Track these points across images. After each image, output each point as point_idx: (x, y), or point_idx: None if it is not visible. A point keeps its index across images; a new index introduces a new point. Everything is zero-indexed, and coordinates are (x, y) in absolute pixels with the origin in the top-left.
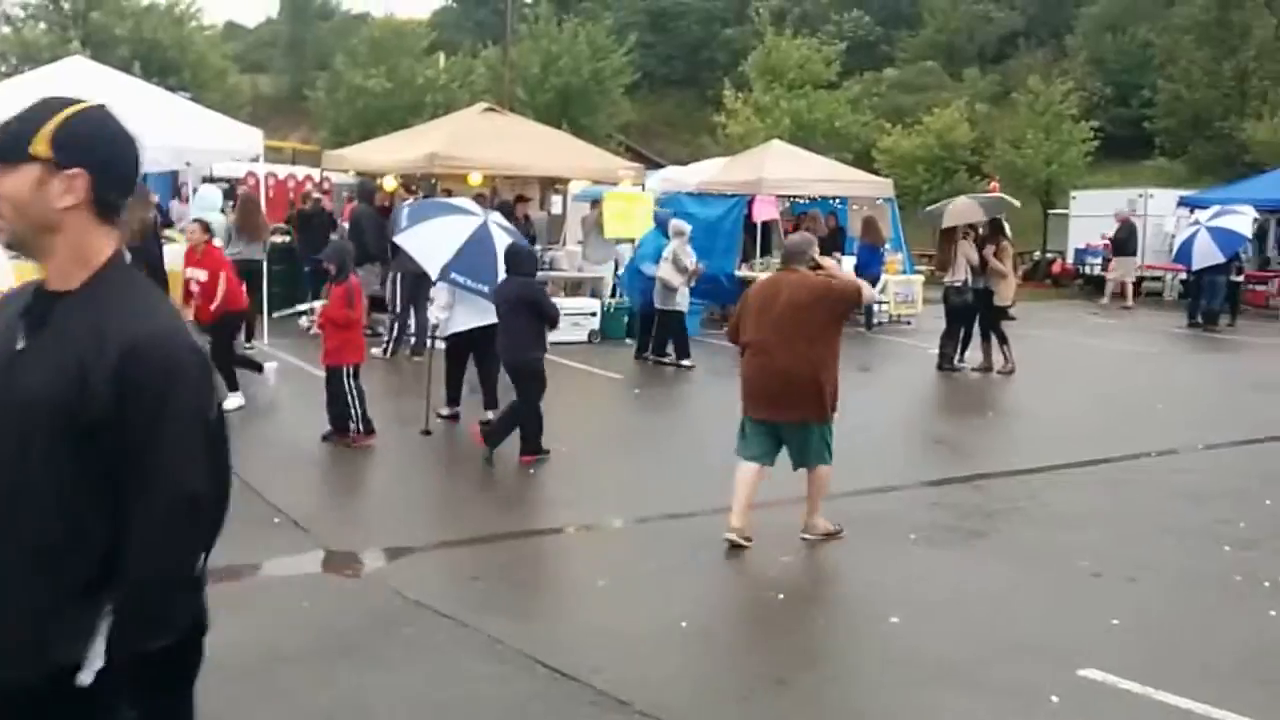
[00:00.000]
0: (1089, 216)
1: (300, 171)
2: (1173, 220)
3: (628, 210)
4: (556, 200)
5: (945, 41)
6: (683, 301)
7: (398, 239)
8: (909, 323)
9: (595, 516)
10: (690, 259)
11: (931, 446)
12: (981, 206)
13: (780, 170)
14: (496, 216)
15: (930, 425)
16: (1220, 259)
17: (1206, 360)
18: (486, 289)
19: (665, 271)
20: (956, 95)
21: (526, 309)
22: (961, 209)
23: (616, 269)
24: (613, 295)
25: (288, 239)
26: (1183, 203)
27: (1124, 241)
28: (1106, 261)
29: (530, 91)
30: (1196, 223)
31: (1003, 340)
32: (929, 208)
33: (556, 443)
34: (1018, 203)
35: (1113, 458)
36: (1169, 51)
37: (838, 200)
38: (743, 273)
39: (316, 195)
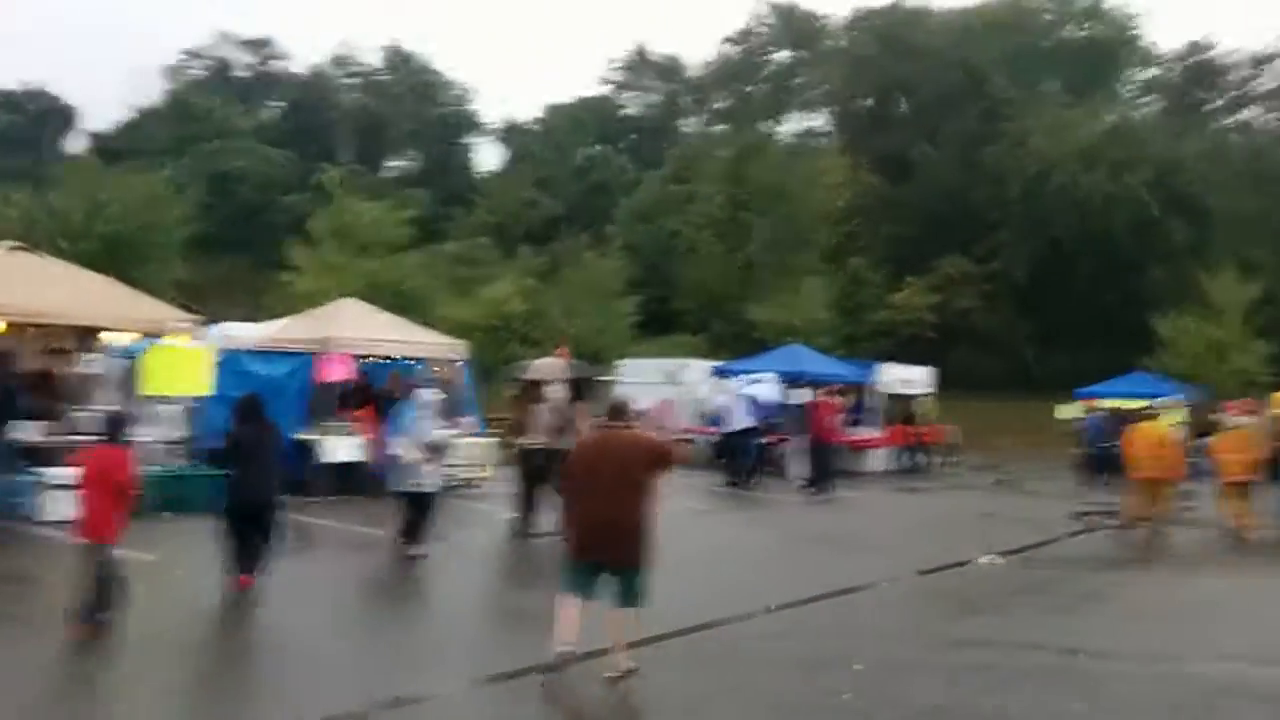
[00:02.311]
0: (636, 383)
1: None
2: (707, 387)
3: (174, 365)
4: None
5: (497, 222)
6: (428, 482)
7: None
8: (479, 486)
9: None
10: (433, 433)
11: (512, 623)
12: (568, 368)
13: (352, 328)
14: None
15: (509, 598)
16: (753, 423)
17: (757, 517)
18: None
19: (403, 448)
20: (510, 270)
21: None
22: (547, 367)
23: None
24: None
25: None
26: (716, 372)
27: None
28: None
29: (72, 239)
30: (729, 390)
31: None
32: (513, 368)
33: None
34: (600, 370)
35: (713, 622)
36: (691, 242)
37: (414, 361)
38: (306, 436)
39: None
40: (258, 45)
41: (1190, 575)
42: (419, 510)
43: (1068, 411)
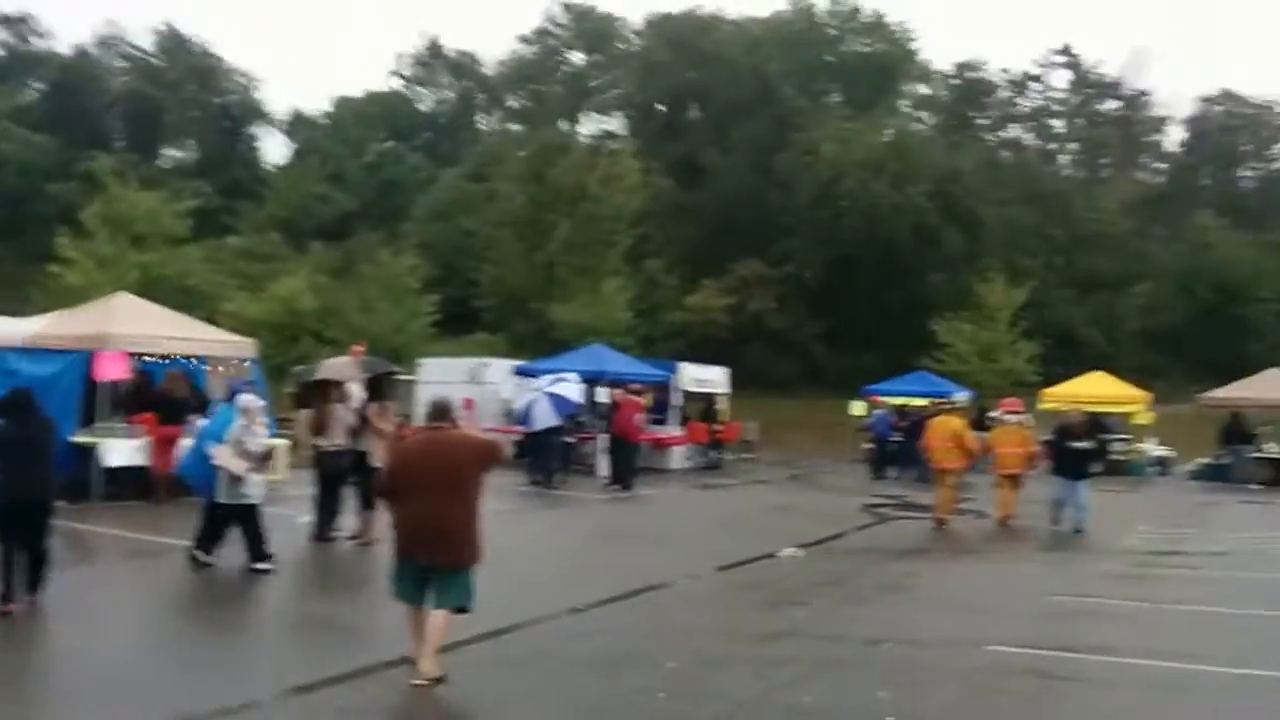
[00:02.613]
0: (436, 383)
1: None
2: (509, 386)
3: None
4: None
5: (286, 217)
6: (253, 492)
7: None
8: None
9: None
10: (259, 441)
11: (312, 633)
12: (360, 366)
13: (129, 324)
14: None
15: (313, 606)
16: (557, 421)
17: (561, 516)
18: None
19: (224, 457)
20: (301, 266)
21: None
22: (338, 366)
23: None
24: None
25: None
26: (518, 371)
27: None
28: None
29: None
30: (536, 389)
31: (369, 506)
32: (296, 368)
33: None
34: (396, 366)
35: (519, 624)
36: (490, 240)
37: (196, 359)
38: (82, 438)
39: None
40: (15, 22)
41: (978, 563)
42: (246, 523)
43: (858, 408)
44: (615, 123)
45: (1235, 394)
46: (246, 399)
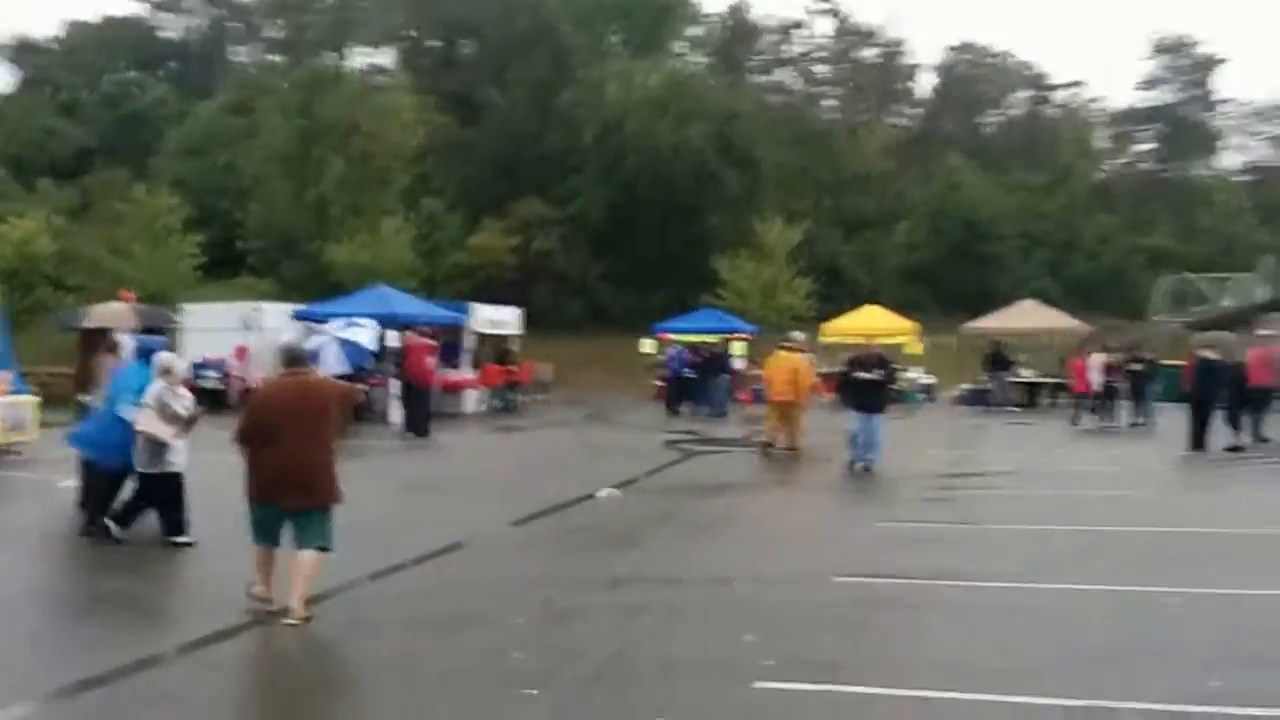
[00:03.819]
0: (204, 330)
1: None
2: (291, 332)
3: None
4: None
5: (14, 153)
6: (178, 460)
7: None
8: (20, 453)
9: None
10: (184, 404)
11: (103, 614)
12: (138, 314)
13: None
14: None
15: (96, 583)
16: (347, 369)
17: (357, 468)
18: None
19: (146, 421)
20: (32, 207)
21: None
22: (113, 312)
23: None
24: None
25: None
26: (298, 316)
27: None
28: (228, 376)
29: None
30: (325, 333)
31: None
32: (63, 314)
33: None
34: (174, 314)
35: (337, 588)
36: (256, 178)
37: None
38: None
39: None
40: None
41: (797, 493)
42: (169, 494)
43: (649, 346)
44: (385, 57)
45: (995, 324)
46: (166, 357)
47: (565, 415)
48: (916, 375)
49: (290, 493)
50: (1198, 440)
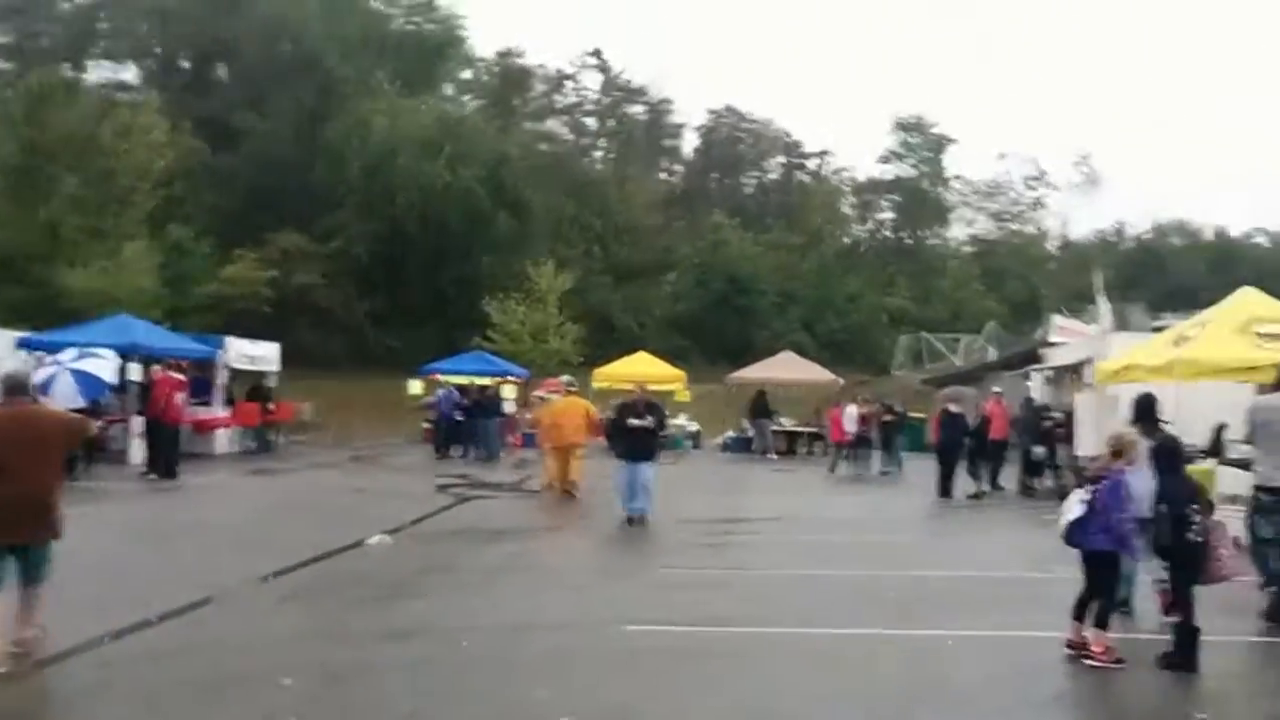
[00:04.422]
0: None
1: None
2: (13, 361)
3: None
4: None
5: None
6: None
7: None
8: None
9: None
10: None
11: None
12: None
13: None
14: None
15: None
16: (81, 403)
17: (93, 512)
18: None
19: None
20: None
21: None
22: None
23: None
24: None
25: None
26: (23, 344)
27: None
28: None
29: None
30: (57, 363)
31: None
32: None
33: None
34: None
35: (78, 647)
36: None
37: None
38: None
39: None
40: None
41: (575, 538)
42: None
43: (417, 387)
44: (129, 73)
45: (758, 374)
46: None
47: (328, 457)
48: (684, 422)
49: (21, 527)
50: (945, 488)
